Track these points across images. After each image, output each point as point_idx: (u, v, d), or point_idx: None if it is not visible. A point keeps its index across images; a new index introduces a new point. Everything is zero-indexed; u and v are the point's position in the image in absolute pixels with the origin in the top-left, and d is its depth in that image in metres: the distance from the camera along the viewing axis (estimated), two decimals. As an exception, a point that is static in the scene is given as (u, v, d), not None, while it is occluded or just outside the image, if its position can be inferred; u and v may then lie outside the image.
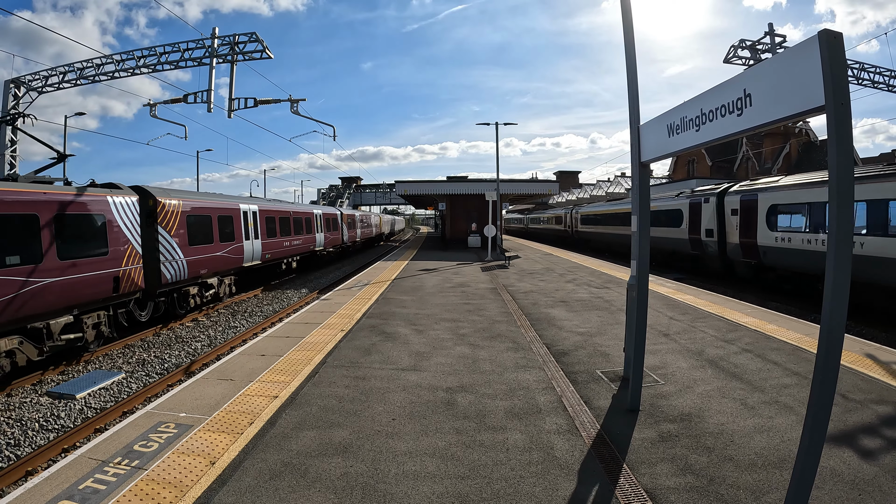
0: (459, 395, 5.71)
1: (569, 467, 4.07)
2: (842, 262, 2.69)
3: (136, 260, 11.70)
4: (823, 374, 2.77)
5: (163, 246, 12.87)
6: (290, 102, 21.36)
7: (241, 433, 4.69)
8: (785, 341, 7.73)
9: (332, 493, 3.71)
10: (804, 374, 6.12)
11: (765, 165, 31.03)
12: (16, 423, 7.22)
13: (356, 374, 6.47)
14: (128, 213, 11.57)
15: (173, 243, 13.33)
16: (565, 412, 5.19)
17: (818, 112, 2.73)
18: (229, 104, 19.98)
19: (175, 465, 4.07)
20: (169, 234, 13.15)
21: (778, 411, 5.07)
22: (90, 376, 9.20)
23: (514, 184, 33.47)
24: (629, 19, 5.44)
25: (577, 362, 6.91)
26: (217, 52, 19.99)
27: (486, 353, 7.39)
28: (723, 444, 4.37)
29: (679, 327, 8.86)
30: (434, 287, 14.39)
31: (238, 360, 7.16)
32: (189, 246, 14.03)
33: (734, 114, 3.39)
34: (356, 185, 66.44)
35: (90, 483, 3.80)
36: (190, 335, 12.48)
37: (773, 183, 15.88)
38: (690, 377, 6.18)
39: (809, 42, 2.72)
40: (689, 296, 12.21)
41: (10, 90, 22.96)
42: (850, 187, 2.67)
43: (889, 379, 5.93)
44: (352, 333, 8.69)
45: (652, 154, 4.97)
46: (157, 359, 10.49)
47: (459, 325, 9.34)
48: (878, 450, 4.21)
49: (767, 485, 3.71)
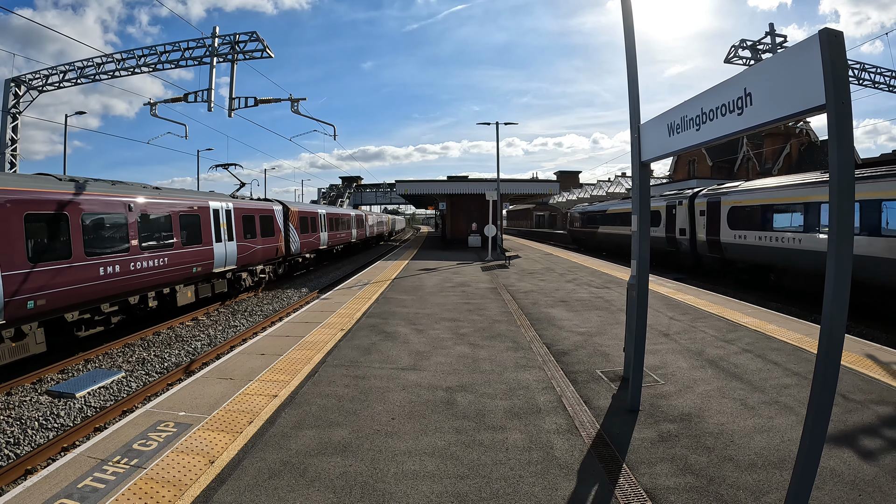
0: (459, 394, 5.70)
1: (568, 467, 4.06)
2: (842, 262, 2.68)
3: (282, 240, 21.02)
4: (824, 374, 2.76)
5: (291, 234, 22.43)
6: (291, 102, 21.33)
7: (240, 432, 4.69)
8: (785, 341, 7.72)
9: (332, 492, 3.70)
10: (804, 375, 6.11)
11: (765, 165, 30.98)
12: (15, 422, 7.22)
13: (356, 374, 6.46)
14: (280, 215, 21.06)
15: (295, 233, 23.05)
16: (565, 412, 5.18)
17: (819, 111, 2.72)
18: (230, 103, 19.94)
19: (174, 464, 4.07)
20: (294, 227, 22.79)
21: (778, 411, 5.06)
22: (90, 375, 9.20)
23: (514, 183, 33.45)
24: (630, 19, 5.43)
25: (577, 362, 6.90)
26: (217, 51, 19.96)
27: (486, 353, 7.39)
28: (723, 445, 4.37)
29: (679, 327, 8.85)
30: (434, 286, 14.39)
31: (238, 360, 7.15)
32: (300, 234, 23.77)
33: (734, 113, 3.38)
34: (356, 184, 66.35)
35: (89, 482, 3.80)
36: (190, 334, 12.48)
37: (734, 188, 18.23)
38: (690, 377, 6.17)
39: (810, 41, 2.71)
40: (689, 296, 12.20)
41: (10, 89, 22.95)
42: (851, 187, 2.67)
43: (889, 379, 5.92)
44: (352, 333, 8.68)
45: (652, 154, 4.96)
46: (157, 358, 10.49)
47: (459, 324, 9.34)
48: (878, 450, 4.21)
49: (767, 485, 3.70)
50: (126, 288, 11.56)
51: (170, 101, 21.43)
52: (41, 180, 9.94)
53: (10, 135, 22.80)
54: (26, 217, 9.02)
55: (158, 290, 12.99)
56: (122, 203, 11.65)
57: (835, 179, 2.66)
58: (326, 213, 29.26)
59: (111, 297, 11.21)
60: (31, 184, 9.54)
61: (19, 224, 8.87)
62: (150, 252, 12.40)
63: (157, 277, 12.67)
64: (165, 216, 13.24)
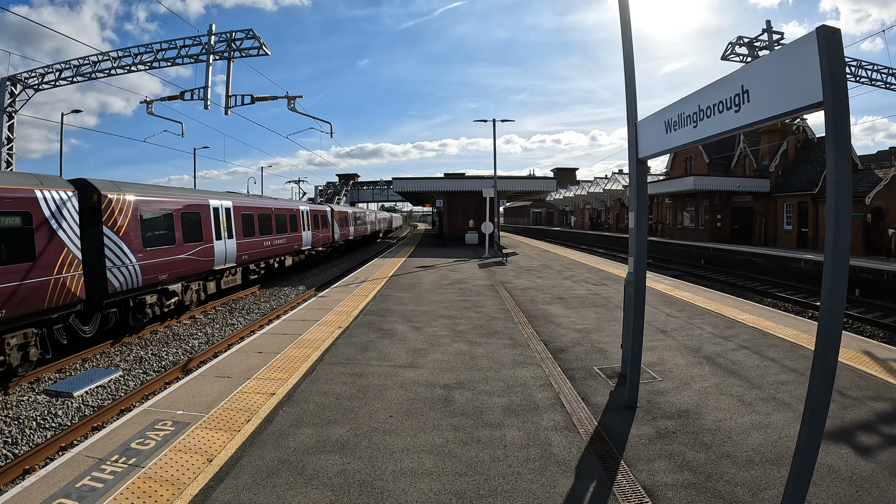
0: (457, 391, 5.71)
1: (566, 464, 4.07)
2: (840, 260, 2.68)
3: (331, 230, 30.19)
4: (821, 371, 2.77)
5: (336, 226, 31.16)
6: (288, 99, 21.28)
7: (238, 430, 4.68)
8: (782, 338, 7.74)
9: (330, 490, 3.70)
10: (801, 371, 6.13)
11: (762, 163, 31.01)
12: (13, 422, 7.20)
13: (353, 371, 6.46)
14: (329, 214, 29.72)
15: (337, 227, 31.29)
16: (563, 409, 5.19)
17: (816, 108, 2.72)
18: (226, 101, 19.90)
19: (172, 463, 4.06)
20: (336, 223, 31.09)
21: (775, 408, 5.08)
22: (87, 374, 9.18)
23: (511, 181, 33.46)
24: (627, 15, 5.43)
25: (575, 359, 6.91)
26: (214, 49, 19.86)
27: (484, 350, 7.39)
28: (720, 441, 4.38)
29: (676, 324, 8.88)
30: (431, 284, 14.38)
31: (235, 358, 7.14)
32: (340, 228, 31.73)
33: (732, 110, 3.38)
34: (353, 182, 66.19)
35: (87, 481, 3.79)
36: (187, 333, 12.45)
37: None
38: (688, 374, 6.19)
39: (808, 38, 2.71)
40: (687, 293, 12.23)
41: (6, 88, 22.80)
42: (849, 183, 2.67)
43: (886, 376, 5.95)
44: (349, 330, 8.68)
45: (649, 151, 4.96)
46: (155, 356, 10.46)
47: (457, 321, 9.34)
48: (875, 446, 4.23)
49: (765, 481, 3.72)
50: (270, 254, 20.14)
51: (166, 99, 21.33)
52: (245, 197, 19.64)
53: (6, 133, 22.66)
54: (243, 217, 17.61)
55: (281, 259, 21.73)
56: (268, 208, 20.35)
57: (832, 177, 2.66)
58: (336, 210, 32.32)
59: (267, 257, 20.01)
60: (245, 200, 18.88)
61: (239, 220, 17.20)
62: (281, 235, 21.26)
63: (280, 250, 21.33)
64: (286, 215, 22.23)
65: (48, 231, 9.18)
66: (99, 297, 10.54)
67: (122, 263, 11.02)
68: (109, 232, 10.75)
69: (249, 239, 17.97)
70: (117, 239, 10.92)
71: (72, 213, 9.79)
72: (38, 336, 9.07)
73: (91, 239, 10.38)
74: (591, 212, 58.76)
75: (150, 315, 12.35)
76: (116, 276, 10.86)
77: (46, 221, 9.17)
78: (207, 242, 15.01)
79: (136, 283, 11.49)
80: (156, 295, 12.57)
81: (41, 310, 9.00)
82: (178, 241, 13.43)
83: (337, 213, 31.56)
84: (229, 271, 16.86)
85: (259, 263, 19.42)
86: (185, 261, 13.67)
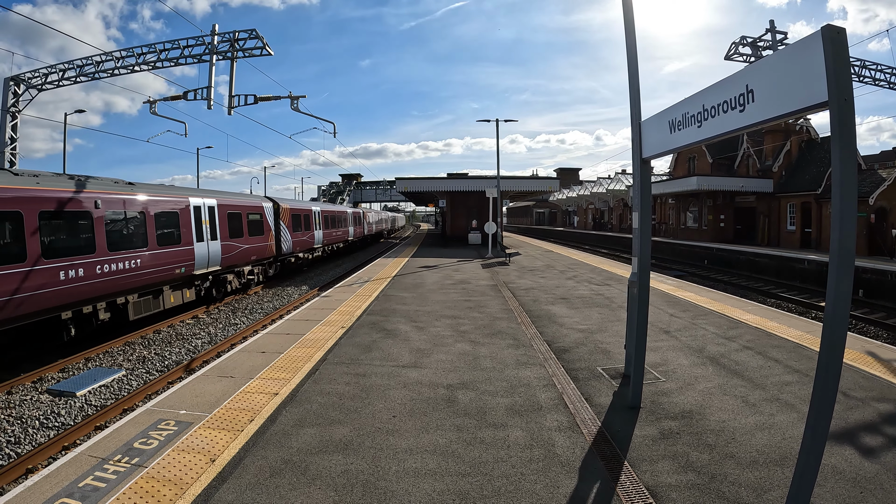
0: (460, 392, 5.70)
1: (570, 464, 4.06)
2: (844, 260, 2.67)
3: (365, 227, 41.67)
4: (826, 372, 2.75)
5: (365, 227, 40.91)
6: (291, 99, 21.26)
7: (241, 430, 4.69)
8: (786, 339, 7.71)
9: (333, 490, 3.70)
10: (805, 372, 6.11)
11: (765, 163, 30.89)
12: (16, 421, 7.23)
13: (357, 371, 6.46)
14: (359, 214, 38.81)
15: (365, 225, 40.74)
16: (566, 409, 5.18)
17: (821, 108, 2.70)
18: (229, 101, 19.90)
19: (175, 463, 4.07)
20: (365, 222, 41.38)
21: (779, 409, 5.06)
22: (90, 374, 9.21)
23: (514, 180, 33.43)
24: (630, 15, 5.41)
25: (578, 359, 6.90)
26: (217, 48, 19.86)
27: (487, 350, 7.38)
28: (724, 442, 4.37)
29: (680, 324, 8.85)
30: (434, 284, 14.38)
31: (238, 358, 7.15)
32: (354, 227, 36.88)
33: (736, 110, 3.37)
34: (357, 181, 66.26)
35: (90, 481, 3.79)
36: (190, 332, 12.48)
37: None
38: (691, 374, 6.17)
39: (812, 38, 2.69)
40: (690, 293, 12.19)
41: (9, 88, 22.87)
42: (854, 184, 2.66)
43: (890, 376, 5.92)
44: (352, 330, 8.68)
45: (653, 150, 4.95)
46: (158, 356, 10.49)
47: (460, 321, 9.33)
48: (879, 447, 4.21)
49: (769, 482, 3.70)
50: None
51: (169, 98, 21.36)
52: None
53: (9, 133, 22.72)
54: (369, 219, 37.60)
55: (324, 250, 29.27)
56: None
57: (837, 177, 2.65)
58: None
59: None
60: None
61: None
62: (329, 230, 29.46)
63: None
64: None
65: (266, 222, 19.83)
66: (277, 256, 20.99)
67: (284, 240, 21.77)
68: (281, 224, 21.55)
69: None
70: (283, 228, 21.67)
71: (271, 215, 20.41)
72: (262, 270, 19.70)
73: (277, 227, 21.06)
74: (594, 212, 58.68)
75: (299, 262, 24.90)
76: (283, 246, 21.53)
77: (265, 217, 19.79)
78: (308, 231, 25.44)
79: (290, 250, 22.58)
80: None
81: (265, 258, 19.65)
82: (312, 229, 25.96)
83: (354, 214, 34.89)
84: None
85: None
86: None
